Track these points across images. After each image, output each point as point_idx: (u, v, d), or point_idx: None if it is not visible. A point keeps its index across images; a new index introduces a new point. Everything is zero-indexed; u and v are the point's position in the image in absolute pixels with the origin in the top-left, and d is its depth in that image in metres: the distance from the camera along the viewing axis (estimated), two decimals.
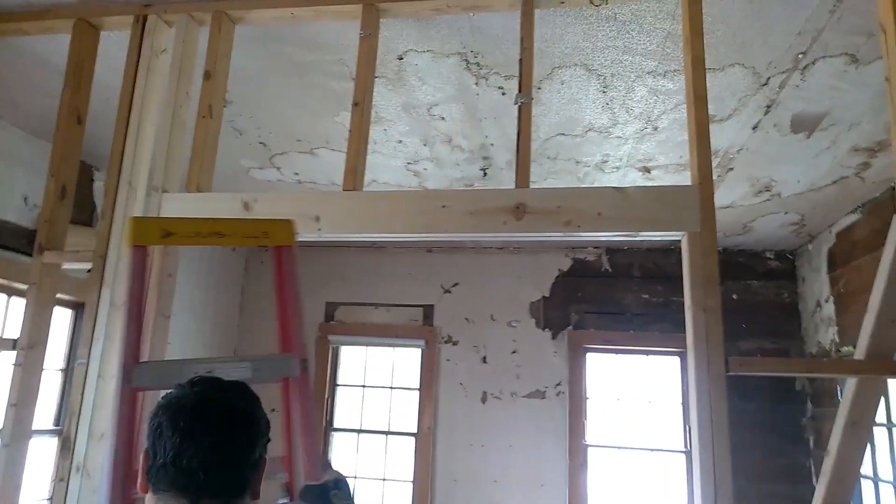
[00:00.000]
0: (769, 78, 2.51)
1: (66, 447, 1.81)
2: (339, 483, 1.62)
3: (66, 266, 2.10)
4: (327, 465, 1.70)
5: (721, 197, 3.79)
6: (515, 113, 2.01)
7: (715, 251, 1.73)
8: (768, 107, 2.73)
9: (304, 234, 1.94)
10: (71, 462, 1.76)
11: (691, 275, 1.74)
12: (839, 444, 1.73)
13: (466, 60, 2.48)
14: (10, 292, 3.14)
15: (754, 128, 2.92)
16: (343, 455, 5.18)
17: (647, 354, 5.00)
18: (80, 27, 2.22)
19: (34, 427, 3.26)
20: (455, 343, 5.16)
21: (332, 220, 1.93)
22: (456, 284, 5.27)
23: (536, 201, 1.84)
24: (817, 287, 4.45)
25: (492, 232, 1.84)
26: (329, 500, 1.57)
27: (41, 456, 3.28)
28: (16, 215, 3.14)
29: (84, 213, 3.50)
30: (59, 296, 3.25)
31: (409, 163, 3.48)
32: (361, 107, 2.04)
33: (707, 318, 1.69)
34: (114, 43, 2.37)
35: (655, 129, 2.97)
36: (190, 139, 2.12)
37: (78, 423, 1.82)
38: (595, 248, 5.13)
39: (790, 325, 4.75)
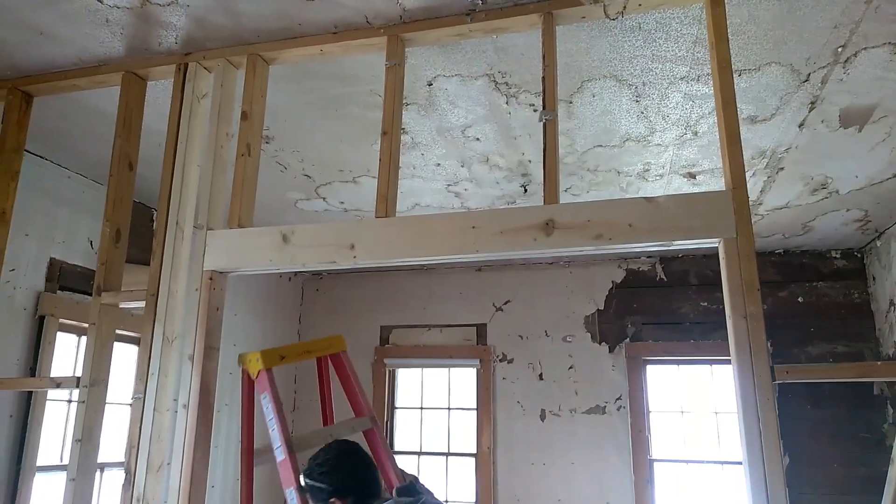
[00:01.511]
0: (809, 74, 2.43)
1: (128, 480, 1.89)
2: (417, 482, 2.33)
3: (126, 305, 2.21)
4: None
5: (775, 198, 3.67)
6: (541, 133, 2.01)
7: (753, 256, 1.68)
8: (812, 103, 2.64)
9: (341, 263, 1.99)
10: (132, 494, 1.84)
11: (730, 282, 1.69)
12: None
13: (494, 81, 2.50)
14: (80, 332, 3.33)
15: (801, 125, 2.82)
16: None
17: (710, 364, 4.84)
18: (128, 79, 2.37)
19: (107, 460, 3.45)
20: (510, 361, 5.13)
21: (367, 247, 1.97)
22: (508, 302, 5.26)
23: (565, 216, 1.84)
24: (889, 285, 4.22)
25: (522, 249, 1.85)
26: (416, 490, 2.20)
27: (117, 489, 3.43)
28: (83, 259, 3.33)
29: (146, 252, 3.67)
30: (125, 332, 3.43)
31: (449, 184, 3.52)
32: (390, 135, 2.09)
33: (749, 326, 1.64)
34: (162, 91, 2.51)
35: (695, 133, 2.91)
36: (231, 175, 2.21)
37: (137, 456, 1.91)
38: (648, 257, 5.02)
39: (862, 327, 4.51)
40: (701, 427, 4.78)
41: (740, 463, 4.60)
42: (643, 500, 4.62)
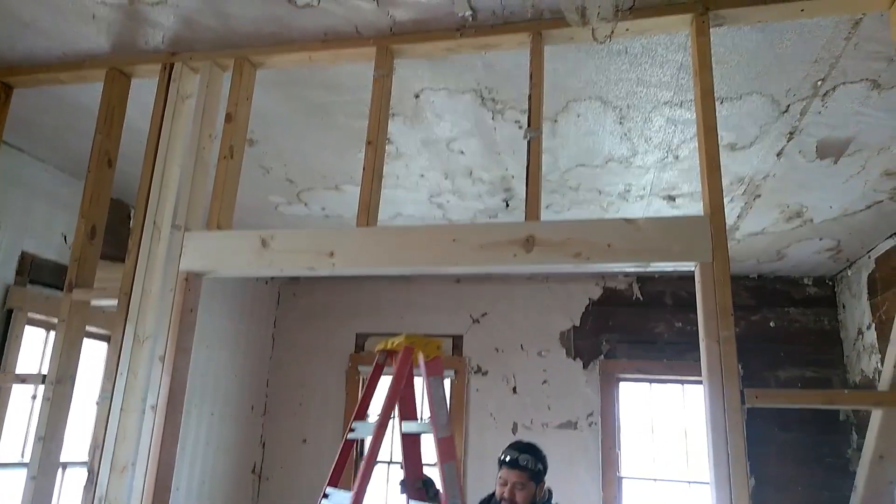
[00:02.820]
0: (789, 105, 2.48)
1: (90, 480, 1.86)
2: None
3: (98, 303, 2.18)
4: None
5: (751, 224, 3.73)
6: (525, 151, 2.03)
7: (727, 282, 1.71)
8: (791, 133, 2.69)
9: (320, 269, 1.98)
10: (94, 494, 1.81)
11: (704, 306, 1.71)
12: (866, 480, 1.66)
13: (481, 96, 2.52)
14: (49, 327, 3.26)
15: (778, 154, 2.87)
16: (377, 486, 5.17)
17: (682, 384, 4.89)
18: (112, 76, 2.34)
19: (71, 459, 3.38)
20: (485, 373, 5.14)
21: (346, 255, 1.97)
22: (485, 314, 5.27)
23: (546, 234, 1.85)
24: (858, 314, 4.31)
25: (502, 264, 1.86)
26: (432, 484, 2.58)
27: (78, 488, 3.36)
28: (56, 254, 3.28)
29: (121, 250, 3.63)
30: (95, 329, 3.38)
31: (431, 196, 3.52)
32: (375, 145, 2.10)
33: (721, 350, 1.66)
34: (146, 90, 2.49)
35: (676, 157, 2.95)
36: (213, 179, 2.20)
37: (101, 456, 1.87)
38: (625, 276, 5.07)
39: (832, 354, 4.60)
40: (670, 446, 4.82)
41: (707, 483, 4.64)
42: None
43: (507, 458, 2.63)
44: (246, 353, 5.13)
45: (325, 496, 2.49)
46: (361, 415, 2.72)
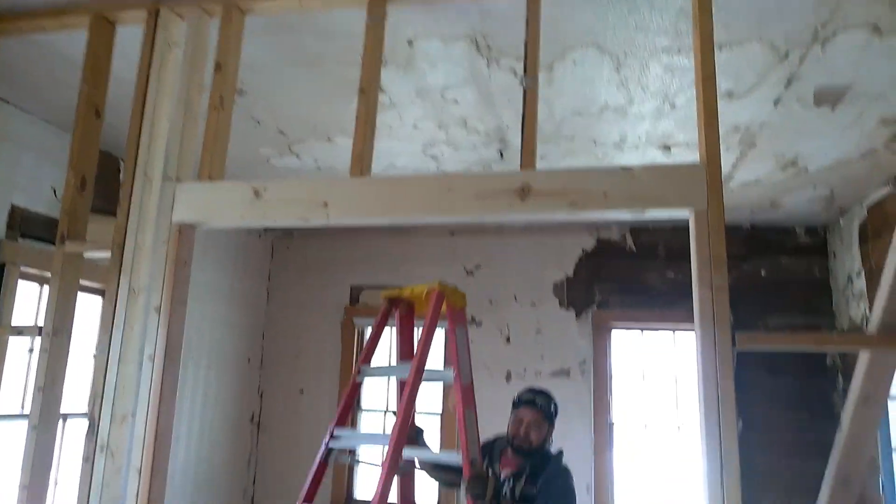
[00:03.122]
0: (788, 51, 2.45)
1: (92, 429, 1.89)
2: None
3: (91, 255, 2.17)
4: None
5: (746, 173, 3.72)
6: (521, 98, 2.00)
7: (722, 229, 1.71)
8: (789, 80, 2.66)
9: (314, 220, 1.97)
10: (95, 443, 1.84)
11: (698, 253, 1.72)
12: (851, 419, 1.71)
13: (476, 44, 2.47)
14: (43, 281, 3.26)
15: (776, 102, 2.84)
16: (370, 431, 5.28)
17: (674, 331, 4.96)
18: (96, 23, 2.28)
19: (72, 411, 3.42)
20: (479, 324, 5.19)
21: (340, 205, 1.96)
22: (478, 266, 5.29)
23: (541, 183, 1.84)
24: (849, 262, 4.35)
25: (497, 214, 1.85)
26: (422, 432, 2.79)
27: (79, 438, 3.41)
28: (46, 207, 3.25)
29: (112, 203, 3.59)
30: (88, 283, 3.37)
31: (425, 147, 3.49)
32: (367, 93, 2.06)
33: (714, 296, 1.68)
34: (133, 39, 2.42)
35: (673, 106, 2.92)
36: (203, 130, 2.16)
37: (101, 406, 1.89)
38: (619, 227, 5.08)
39: (821, 301, 4.66)
40: (661, 392, 4.92)
41: (697, 427, 4.75)
42: (601, 461, 4.76)
43: (525, 398, 2.75)
44: (241, 307, 5.16)
45: (333, 436, 2.57)
46: (367, 359, 2.80)
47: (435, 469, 2.82)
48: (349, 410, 2.63)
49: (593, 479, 4.73)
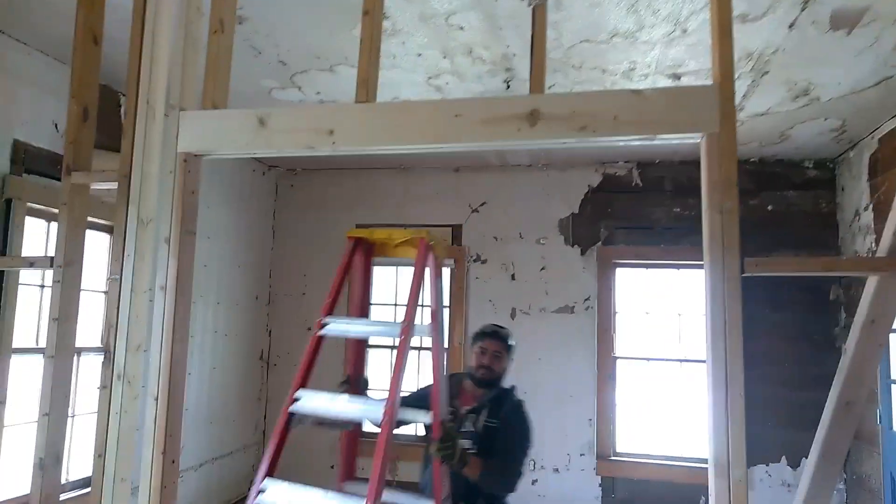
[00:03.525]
0: None
1: (108, 358, 1.92)
2: None
3: (96, 187, 2.16)
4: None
5: (756, 104, 3.65)
6: (530, 19, 1.94)
7: (734, 153, 1.69)
8: (805, 2, 2.57)
9: (319, 149, 1.95)
10: (112, 371, 1.87)
11: (709, 177, 1.71)
12: (856, 342, 1.72)
13: None
14: (49, 217, 3.26)
15: (791, 26, 2.76)
16: (376, 370, 5.38)
17: (678, 268, 4.98)
18: None
19: (84, 345, 3.48)
20: (484, 262, 5.21)
21: (346, 133, 1.93)
22: (483, 203, 5.27)
23: (550, 107, 1.80)
24: (857, 195, 4.32)
25: (506, 140, 1.82)
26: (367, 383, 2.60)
27: (93, 371, 3.49)
28: (48, 142, 3.21)
29: (114, 139, 3.55)
30: (95, 220, 3.38)
31: (429, 77, 3.41)
32: (372, 15, 2.00)
33: (723, 220, 1.67)
34: None
35: (684, 31, 2.84)
36: (204, 56, 2.11)
37: (116, 336, 1.92)
38: (625, 162, 5.03)
39: (827, 236, 4.65)
40: (664, 327, 4.98)
41: (698, 361, 4.83)
42: (604, 395, 4.87)
43: (489, 330, 2.83)
44: (247, 245, 5.17)
45: (296, 399, 2.27)
46: (331, 308, 2.51)
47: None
48: (311, 368, 2.39)
49: (596, 413, 4.84)
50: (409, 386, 2.88)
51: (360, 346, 2.73)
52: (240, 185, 5.09)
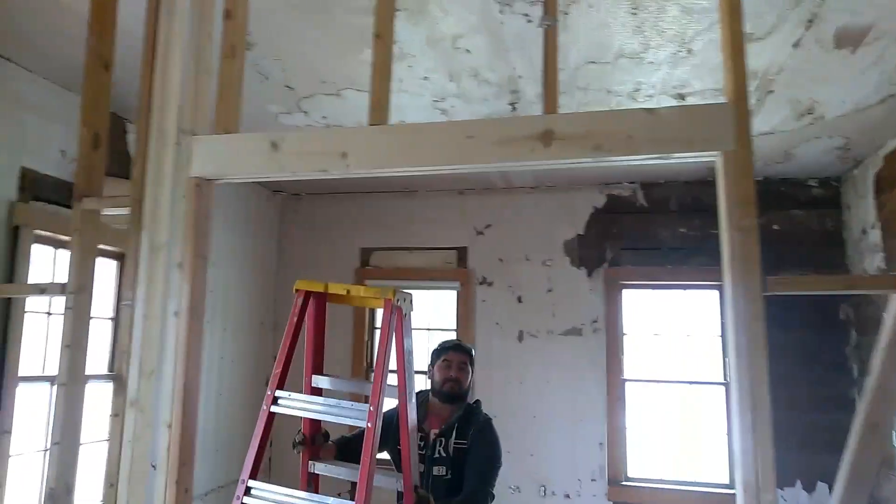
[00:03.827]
0: None
1: (120, 384, 1.89)
2: None
3: (106, 212, 2.15)
4: None
5: (761, 123, 3.66)
6: (542, 40, 1.95)
7: (751, 170, 1.68)
8: (810, 21, 2.59)
9: (333, 171, 1.94)
10: (125, 398, 1.84)
11: (727, 196, 1.69)
12: (881, 363, 1.70)
13: None
14: (56, 244, 3.25)
15: (795, 45, 2.78)
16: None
17: (685, 289, 4.96)
18: None
19: (91, 372, 3.44)
20: (490, 284, 5.19)
21: (359, 155, 1.92)
22: (489, 226, 5.26)
23: (565, 127, 1.80)
24: (863, 213, 4.31)
25: (519, 161, 1.82)
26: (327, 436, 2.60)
27: (98, 399, 3.44)
28: (55, 169, 3.22)
29: (121, 167, 3.56)
30: (103, 247, 3.37)
31: (435, 100, 3.43)
32: (384, 38, 2.01)
33: (743, 239, 1.65)
34: None
35: (689, 51, 2.86)
36: (215, 82, 2.12)
37: (129, 362, 1.90)
38: (630, 182, 5.04)
39: (834, 254, 4.63)
40: (672, 349, 4.94)
41: (710, 383, 4.77)
42: (614, 417, 4.81)
43: (450, 344, 2.86)
44: (253, 270, 5.16)
45: (248, 491, 2.28)
46: (282, 378, 2.46)
47: None
48: (263, 451, 2.37)
49: (606, 437, 4.78)
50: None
51: (316, 423, 2.62)
52: (245, 211, 5.09)
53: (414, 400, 2.56)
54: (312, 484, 2.55)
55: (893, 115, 3.49)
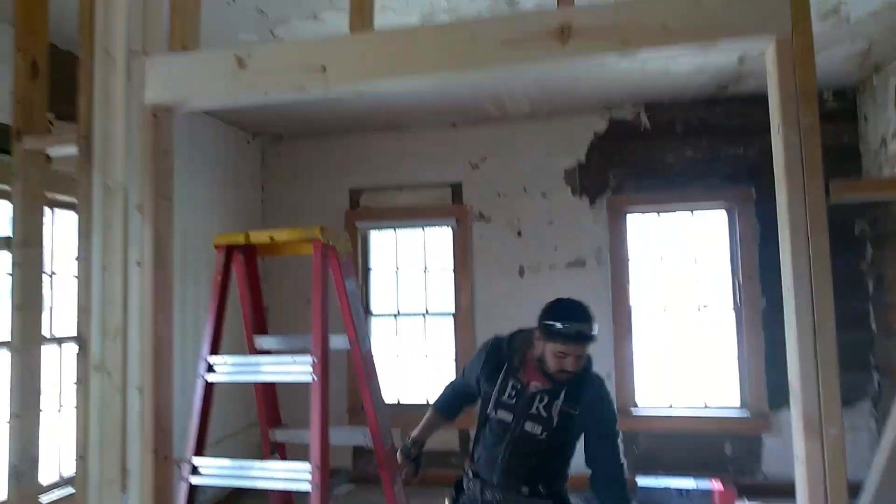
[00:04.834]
0: None
1: (82, 347, 1.65)
2: None
3: (52, 152, 1.86)
4: None
5: None
6: None
7: (812, 58, 1.41)
8: None
9: (311, 89, 1.65)
10: (88, 362, 1.60)
11: (781, 90, 1.43)
12: None
13: None
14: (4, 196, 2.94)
15: None
16: (382, 339, 5.15)
17: (692, 211, 4.73)
18: None
19: (61, 334, 3.21)
20: (487, 220, 4.94)
21: (341, 68, 1.63)
22: (484, 159, 4.97)
23: (585, 19, 1.51)
24: (882, 123, 4.05)
25: (533, 62, 1.53)
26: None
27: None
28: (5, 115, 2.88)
29: (72, 107, 3.23)
30: (62, 198, 3.07)
31: (424, 18, 3.09)
32: None
33: (802, 139, 1.40)
34: None
35: None
36: None
37: (90, 321, 1.65)
38: (633, 105, 4.73)
39: (850, 168, 4.40)
40: (680, 275, 4.75)
41: (719, 308, 4.57)
42: (622, 347, 4.66)
43: (570, 332, 2.13)
44: (236, 219, 4.87)
45: (195, 470, 2.14)
46: (215, 344, 2.28)
47: None
48: (207, 421, 2.20)
49: (614, 367, 4.63)
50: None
51: (267, 385, 2.48)
52: (224, 157, 4.77)
53: (369, 346, 2.33)
54: (277, 452, 2.40)
55: None
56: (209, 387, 2.18)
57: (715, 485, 4.16)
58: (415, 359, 5.08)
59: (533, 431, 2.17)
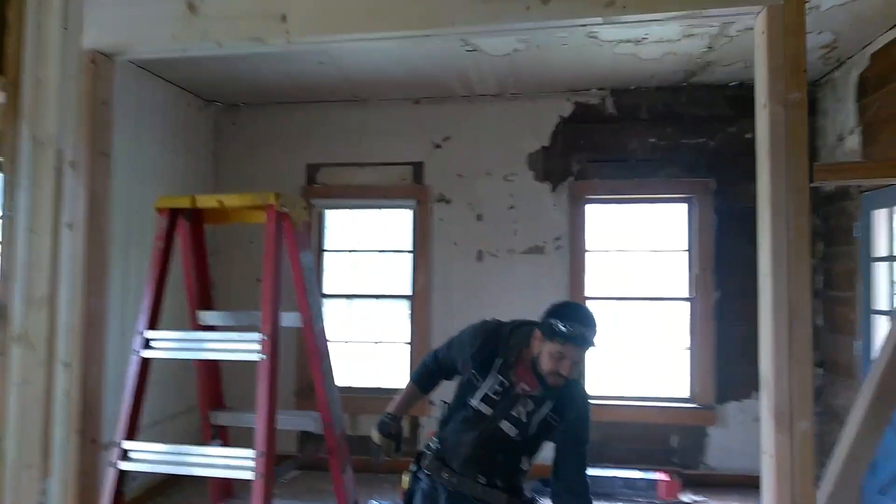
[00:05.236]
0: None
1: (3, 316, 1.48)
2: None
3: None
4: None
5: (748, 18, 3.32)
6: None
7: (803, 29, 1.35)
8: None
9: (269, 40, 1.52)
10: (7, 333, 1.44)
11: (770, 61, 1.36)
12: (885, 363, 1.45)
13: None
14: None
15: None
16: (335, 321, 5.00)
17: (652, 202, 4.73)
18: None
19: None
20: (448, 201, 4.84)
21: (303, 18, 1.50)
22: (447, 138, 4.86)
23: None
24: (841, 119, 4.10)
25: (511, 22, 1.43)
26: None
27: None
28: None
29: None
30: None
31: None
32: None
33: (789, 116, 1.34)
34: None
35: None
36: None
37: (13, 288, 1.48)
38: (599, 89, 4.68)
39: None
40: (637, 265, 4.75)
41: (674, 299, 4.58)
42: None
43: (576, 334, 2.02)
44: (185, 188, 4.64)
45: (125, 454, 2.04)
46: (155, 319, 2.16)
47: None
48: (141, 396, 2.06)
49: None
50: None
51: (210, 364, 2.33)
52: (174, 123, 4.53)
53: (322, 324, 2.20)
54: (219, 437, 2.26)
55: (890, 7, 3.20)
56: (145, 363, 2.02)
57: (659, 475, 4.19)
58: (368, 342, 4.96)
59: (507, 432, 2.08)
